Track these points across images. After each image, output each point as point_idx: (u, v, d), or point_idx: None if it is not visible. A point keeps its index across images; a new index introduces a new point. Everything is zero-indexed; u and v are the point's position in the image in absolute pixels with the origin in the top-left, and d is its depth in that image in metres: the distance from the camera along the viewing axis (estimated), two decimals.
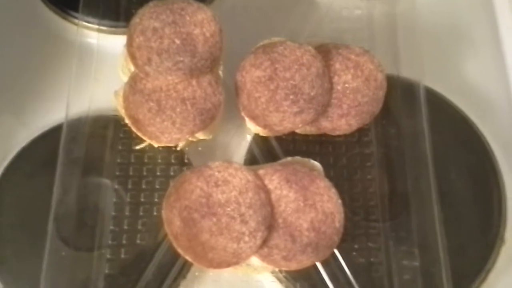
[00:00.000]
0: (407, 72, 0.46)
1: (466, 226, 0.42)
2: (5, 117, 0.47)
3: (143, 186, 0.43)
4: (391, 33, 0.48)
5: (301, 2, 0.52)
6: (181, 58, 0.43)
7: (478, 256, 0.41)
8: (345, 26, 0.50)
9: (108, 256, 0.41)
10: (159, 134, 0.42)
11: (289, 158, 0.42)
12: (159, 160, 0.44)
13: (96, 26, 0.50)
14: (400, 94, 0.45)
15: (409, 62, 0.46)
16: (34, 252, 0.41)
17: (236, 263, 0.38)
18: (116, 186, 0.43)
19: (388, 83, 0.44)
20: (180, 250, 0.38)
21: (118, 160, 0.44)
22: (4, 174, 0.45)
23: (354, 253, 0.41)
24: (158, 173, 0.44)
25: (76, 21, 0.50)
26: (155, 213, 0.42)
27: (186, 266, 0.41)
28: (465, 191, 0.44)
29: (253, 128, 0.44)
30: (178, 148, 0.44)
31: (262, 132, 0.44)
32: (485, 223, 0.42)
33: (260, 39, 0.45)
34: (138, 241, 0.41)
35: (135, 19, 0.44)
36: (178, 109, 0.42)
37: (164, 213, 0.38)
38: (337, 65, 0.44)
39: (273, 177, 0.40)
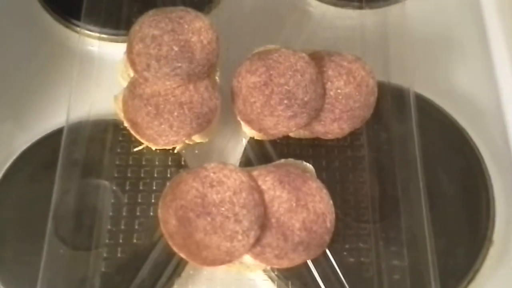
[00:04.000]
0: (397, 79, 0.48)
1: (455, 227, 0.43)
2: (7, 121, 0.49)
3: (141, 188, 0.45)
4: (382, 42, 0.50)
5: (296, 12, 0.54)
6: (179, 64, 0.44)
7: (466, 256, 0.42)
8: (338, 34, 0.51)
9: (104, 254, 0.42)
10: (156, 137, 0.43)
11: (282, 160, 0.43)
12: (157, 162, 0.46)
13: (97, 34, 0.51)
14: (390, 100, 0.47)
15: (400, 69, 0.48)
16: (33, 252, 0.42)
17: (230, 261, 0.39)
18: (114, 187, 0.44)
19: (379, 89, 0.45)
20: (175, 248, 0.39)
21: (117, 162, 0.45)
22: (6, 176, 0.46)
23: (345, 253, 0.42)
24: (155, 175, 0.45)
25: (78, 29, 0.52)
26: (151, 214, 0.43)
27: (181, 265, 0.41)
28: (454, 193, 0.45)
29: (248, 131, 0.46)
30: (176, 151, 0.45)
31: (257, 135, 0.45)
32: (473, 224, 0.43)
33: (255, 46, 0.47)
34: (134, 241, 0.42)
35: (135, 27, 0.46)
36: (175, 113, 0.43)
37: (160, 212, 0.39)
38: (330, 72, 0.45)
39: (266, 178, 0.41)
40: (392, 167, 0.44)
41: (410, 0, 0.54)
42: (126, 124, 0.44)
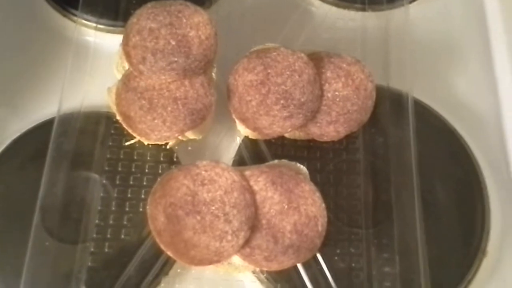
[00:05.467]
0: (396, 83, 0.47)
1: (448, 236, 0.43)
2: (1, 107, 0.48)
3: (131, 182, 0.44)
4: (383, 45, 0.49)
5: (297, 11, 0.53)
6: (175, 59, 0.43)
7: (459, 266, 0.42)
8: (339, 36, 0.51)
9: (92, 249, 0.41)
10: (149, 132, 0.43)
11: (276, 161, 0.42)
12: (148, 158, 0.45)
13: (94, 25, 0.50)
14: (388, 104, 0.46)
15: (399, 73, 0.47)
16: (19, 242, 0.41)
17: (218, 261, 0.38)
18: (104, 181, 0.44)
19: (378, 93, 0.45)
20: (162, 246, 0.38)
21: (108, 156, 0.45)
22: None
23: (336, 258, 0.41)
24: (146, 170, 0.44)
25: (75, 18, 0.51)
26: (141, 210, 0.43)
27: (168, 263, 0.41)
28: (449, 202, 0.44)
29: (243, 130, 0.45)
30: (168, 147, 0.45)
31: (251, 134, 0.45)
32: (467, 234, 0.43)
33: (254, 44, 0.46)
34: (122, 236, 0.42)
35: (133, 19, 0.45)
36: (169, 108, 0.43)
37: (148, 209, 0.39)
38: (329, 73, 0.45)
39: (259, 179, 0.40)
40: (387, 173, 0.44)
41: (414, 4, 0.54)
42: (118, 117, 0.43)
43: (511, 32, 0.52)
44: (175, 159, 0.45)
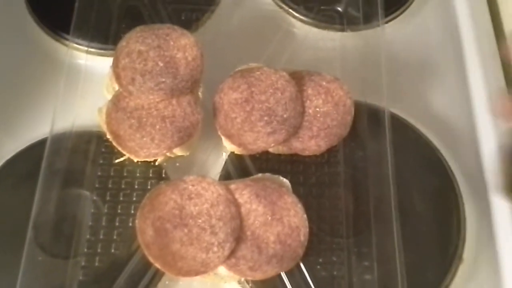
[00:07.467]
0: (373, 99, 0.49)
1: (426, 245, 0.44)
2: None
3: (121, 198, 0.45)
4: (361, 63, 0.51)
5: (279, 32, 0.55)
6: (163, 79, 0.45)
7: (436, 273, 0.43)
8: (320, 55, 0.53)
9: (83, 263, 0.42)
10: (138, 149, 0.44)
11: (259, 175, 0.44)
12: (138, 174, 0.46)
13: (85, 48, 0.52)
14: (366, 119, 0.48)
15: (376, 90, 0.49)
16: (12, 259, 0.42)
17: (204, 272, 0.39)
18: (95, 198, 0.45)
19: (356, 109, 0.47)
20: (151, 259, 0.39)
21: (99, 173, 0.46)
22: None
23: (318, 267, 0.43)
24: (136, 186, 0.46)
25: (67, 42, 0.53)
26: (130, 224, 0.44)
27: (157, 276, 0.42)
28: (426, 211, 0.46)
29: (228, 146, 0.47)
30: (157, 163, 0.46)
31: (237, 150, 0.47)
32: (444, 242, 0.44)
33: (239, 64, 0.48)
34: (112, 250, 0.43)
35: (122, 42, 0.47)
36: (157, 126, 0.45)
37: (137, 223, 0.40)
38: (309, 91, 0.47)
39: (243, 192, 0.42)
40: (366, 184, 0.46)
41: (390, 24, 0.56)
42: (108, 136, 0.45)
43: (484, 50, 0.55)
44: (163, 175, 0.47)
